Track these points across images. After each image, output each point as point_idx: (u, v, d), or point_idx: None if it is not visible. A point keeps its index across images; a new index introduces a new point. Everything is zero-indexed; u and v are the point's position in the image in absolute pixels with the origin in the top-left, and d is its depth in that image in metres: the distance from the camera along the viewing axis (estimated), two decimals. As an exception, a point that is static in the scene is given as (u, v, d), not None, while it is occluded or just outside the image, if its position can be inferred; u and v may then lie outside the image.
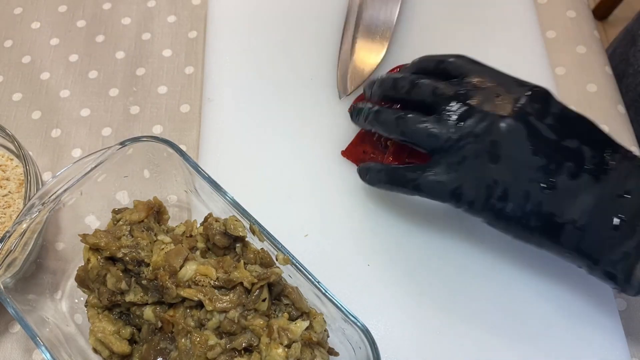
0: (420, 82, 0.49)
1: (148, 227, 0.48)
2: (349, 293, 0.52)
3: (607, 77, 0.64)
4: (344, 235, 0.55)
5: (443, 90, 0.48)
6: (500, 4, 0.66)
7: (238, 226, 0.46)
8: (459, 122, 0.46)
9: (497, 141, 0.44)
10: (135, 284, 0.46)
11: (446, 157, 0.46)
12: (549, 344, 0.50)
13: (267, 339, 0.43)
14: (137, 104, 0.65)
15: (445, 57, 0.51)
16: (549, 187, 0.44)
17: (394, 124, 0.49)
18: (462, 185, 0.46)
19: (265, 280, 0.44)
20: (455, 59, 0.51)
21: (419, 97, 0.49)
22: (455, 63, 0.50)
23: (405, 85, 0.50)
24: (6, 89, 0.66)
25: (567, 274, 0.52)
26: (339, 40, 0.64)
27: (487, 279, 0.53)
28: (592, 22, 0.68)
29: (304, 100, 0.62)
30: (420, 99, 0.49)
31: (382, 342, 0.44)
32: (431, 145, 0.47)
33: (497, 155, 0.44)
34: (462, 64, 0.50)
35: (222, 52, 0.64)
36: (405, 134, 0.49)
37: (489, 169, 0.45)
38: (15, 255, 0.47)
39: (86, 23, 0.70)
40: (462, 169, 0.45)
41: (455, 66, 0.50)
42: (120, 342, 0.46)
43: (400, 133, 0.49)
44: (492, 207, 0.45)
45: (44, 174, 0.61)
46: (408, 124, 0.48)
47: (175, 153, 0.49)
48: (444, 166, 0.46)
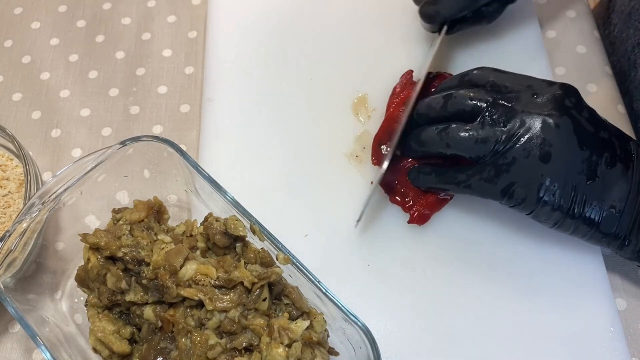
0: (454, 94, 0.50)
1: (148, 227, 0.48)
2: (349, 293, 0.52)
3: (607, 77, 0.64)
4: (344, 235, 0.55)
5: (481, 97, 0.48)
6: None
7: (238, 226, 0.46)
8: (505, 124, 0.46)
9: (547, 138, 0.45)
10: (136, 283, 0.46)
11: (494, 159, 0.47)
12: (549, 347, 0.50)
13: (268, 338, 0.43)
14: (137, 104, 0.65)
15: (467, 72, 0.52)
16: (592, 177, 0.46)
17: (437, 138, 0.50)
18: (514, 184, 0.46)
19: (265, 280, 0.44)
20: (478, 70, 0.52)
21: (456, 108, 0.49)
22: (479, 74, 0.51)
23: (439, 102, 0.51)
24: (6, 89, 0.66)
25: (567, 276, 0.52)
26: (339, 39, 0.64)
27: (488, 279, 0.53)
28: (592, 22, 0.68)
29: (304, 100, 0.62)
30: (458, 109, 0.49)
31: (382, 342, 0.44)
32: (479, 152, 0.47)
33: (547, 153, 0.45)
34: (486, 73, 0.51)
35: (222, 52, 0.64)
36: (451, 145, 0.49)
37: (540, 167, 0.46)
38: (15, 255, 0.47)
39: (86, 23, 0.70)
40: (513, 169, 0.46)
41: (480, 76, 0.51)
42: (120, 342, 0.46)
43: (445, 146, 0.49)
44: (544, 203, 0.46)
45: (44, 174, 0.61)
46: (452, 135, 0.48)
47: (176, 153, 0.49)
48: (493, 168, 0.47)
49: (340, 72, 0.63)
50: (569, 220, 0.46)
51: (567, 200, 0.46)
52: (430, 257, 0.54)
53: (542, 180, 0.46)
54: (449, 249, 0.54)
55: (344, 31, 0.66)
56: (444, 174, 0.51)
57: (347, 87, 0.62)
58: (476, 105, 0.48)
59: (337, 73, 0.63)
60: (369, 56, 0.64)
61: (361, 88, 0.62)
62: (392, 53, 0.63)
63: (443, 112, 0.51)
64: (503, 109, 0.47)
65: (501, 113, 0.47)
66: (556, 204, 0.46)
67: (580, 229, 0.47)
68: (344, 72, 0.63)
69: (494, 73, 0.51)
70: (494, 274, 0.53)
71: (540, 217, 0.47)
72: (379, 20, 0.66)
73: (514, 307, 0.52)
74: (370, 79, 0.62)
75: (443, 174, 0.52)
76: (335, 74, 0.63)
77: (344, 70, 0.63)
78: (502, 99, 0.48)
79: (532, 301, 0.52)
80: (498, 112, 0.47)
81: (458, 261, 0.53)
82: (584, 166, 0.46)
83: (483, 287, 0.52)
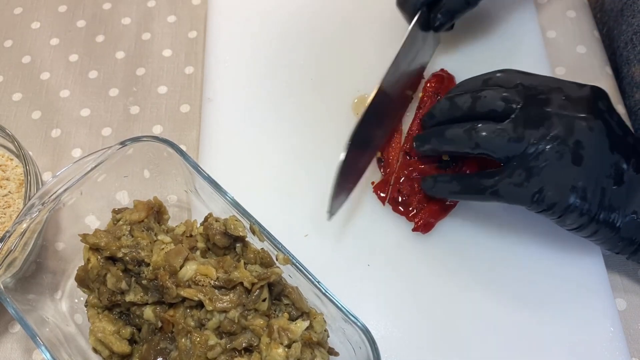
0: (484, 93, 0.48)
1: (148, 227, 0.48)
2: (349, 293, 0.52)
3: (607, 77, 0.64)
4: (344, 235, 0.55)
5: (513, 97, 0.47)
6: (500, 4, 0.66)
7: (238, 226, 0.46)
8: (537, 126, 0.45)
9: (581, 141, 0.45)
10: (136, 283, 0.46)
11: (525, 161, 0.46)
12: (549, 346, 0.50)
13: (267, 339, 0.43)
14: (137, 104, 0.65)
15: (491, 74, 0.51)
16: (619, 182, 0.45)
17: (466, 137, 0.48)
18: (544, 188, 0.45)
19: (265, 280, 0.44)
20: (502, 73, 0.50)
21: (487, 108, 0.48)
22: (504, 76, 0.50)
23: (467, 101, 0.49)
24: (6, 89, 0.66)
25: (568, 276, 0.52)
26: (340, 38, 0.64)
27: (487, 280, 0.53)
28: (592, 22, 0.68)
29: (304, 100, 0.62)
30: (489, 109, 0.48)
31: (382, 342, 0.44)
32: (511, 151, 0.46)
33: (580, 156, 0.45)
34: (513, 75, 0.49)
35: (222, 52, 0.64)
36: (481, 144, 0.47)
37: (571, 170, 0.45)
38: (15, 255, 0.47)
39: (86, 23, 0.70)
40: (545, 172, 0.45)
41: (506, 79, 0.49)
42: (120, 342, 0.46)
43: (475, 145, 0.47)
44: (573, 208, 0.45)
45: (44, 174, 0.61)
46: (483, 133, 0.47)
47: (175, 153, 0.49)
48: (524, 171, 0.45)
49: (340, 72, 0.63)
50: (593, 225, 0.46)
51: (595, 205, 0.45)
52: (430, 258, 0.54)
53: (574, 183, 0.45)
54: (449, 250, 0.54)
55: (344, 31, 0.66)
56: (466, 181, 0.50)
57: (347, 87, 0.62)
58: (508, 105, 0.47)
59: (338, 73, 0.63)
60: (369, 56, 0.64)
61: (361, 88, 0.62)
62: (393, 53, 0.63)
63: (471, 112, 0.49)
64: (536, 110, 0.46)
65: (534, 114, 0.46)
66: (585, 209, 0.45)
67: (600, 233, 0.46)
68: (345, 72, 0.63)
69: (520, 75, 0.49)
70: (493, 274, 0.53)
71: (566, 221, 0.46)
72: (379, 20, 0.66)
73: (513, 306, 0.51)
74: (371, 79, 0.62)
75: (466, 181, 0.50)
76: (336, 74, 0.63)
77: (345, 70, 0.63)
78: (534, 100, 0.47)
79: (532, 301, 0.52)
80: (531, 112, 0.46)
81: (458, 262, 0.53)
82: (612, 170, 0.45)
83: (483, 287, 0.52)
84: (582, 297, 0.51)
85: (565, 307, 0.51)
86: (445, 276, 0.53)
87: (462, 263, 0.53)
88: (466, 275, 0.53)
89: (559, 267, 0.53)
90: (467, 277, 0.53)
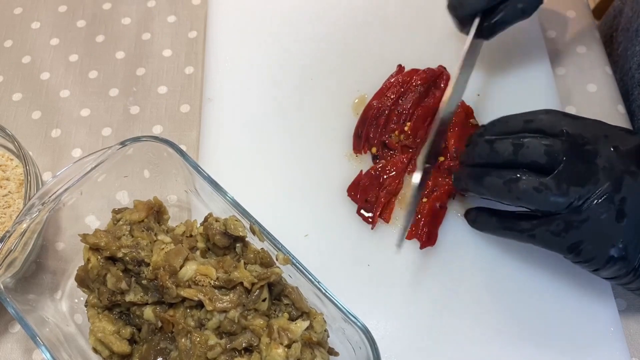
0: (527, 142, 0.45)
1: (148, 227, 0.48)
2: (349, 293, 0.52)
3: (607, 77, 0.64)
4: (344, 235, 0.55)
5: (557, 148, 0.44)
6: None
7: (238, 226, 0.46)
8: (584, 182, 0.43)
9: (627, 197, 0.43)
10: (135, 283, 0.46)
11: (566, 215, 0.44)
12: (550, 345, 0.50)
13: (267, 339, 0.43)
14: (137, 104, 0.65)
15: (533, 115, 0.47)
16: None
17: (505, 188, 0.45)
18: (583, 241, 0.44)
19: (265, 280, 0.44)
20: (546, 115, 0.47)
21: (529, 159, 0.45)
22: (548, 120, 0.46)
23: (507, 147, 0.46)
24: (6, 89, 0.66)
25: (567, 276, 0.52)
26: (340, 38, 0.64)
27: (488, 279, 0.53)
28: (592, 22, 0.68)
29: (305, 100, 0.62)
30: (531, 160, 0.45)
31: (382, 342, 0.44)
32: (553, 208, 0.44)
33: (624, 212, 0.43)
34: (557, 119, 0.46)
35: (222, 52, 0.64)
36: (521, 199, 0.45)
37: (614, 226, 0.43)
38: (15, 255, 0.47)
39: (86, 23, 0.70)
40: (585, 226, 0.43)
41: (550, 123, 0.46)
42: (120, 342, 0.46)
43: (514, 198, 0.45)
44: (613, 263, 0.44)
45: (44, 174, 0.61)
46: (524, 189, 0.44)
47: (176, 153, 0.49)
48: (563, 222, 0.44)
49: (340, 72, 0.63)
50: (630, 276, 0.45)
51: (635, 259, 0.43)
52: (430, 258, 0.54)
53: (615, 240, 0.43)
54: (449, 250, 0.54)
55: (344, 31, 0.66)
56: (506, 220, 0.48)
57: (347, 87, 0.62)
58: (552, 158, 0.44)
59: (338, 73, 0.63)
60: (369, 56, 0.64)
61: (362, 88, 0.62)
62: (393, 53, 0.63)
63: (511, 159, 0.46)
64: (582, 164, 0.44)
65: (580, 168, 0.43)
66: (624, 264, 0.44)
67: (636, 282, 0.45)
68: (345, 72, 0.63)
69: (565, 119, 0.46)
70: (492, 275, 0.53)
71: (603, 273, 0.45)
72: (379, 20, 0.66)
73: (512, 306, 0.51)
74: (371, 79, 0.62)
75: (505, 220, 0.48)
76: (336, 74, 0.63)
77: (345, 70, 0.63)
78: (581, 153, 0.44)
79: (532, 301, 0.52)
80: (577, 167, 0.43)
81: (457, 262, 0.53)
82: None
83: (482, 287, 0.52)
84: (582, 296, 0.51)
85: (565, 307, 0.51)
86: (445, 276, 0.53)
87: (463, 264, 0.53)
88: (467, 275, 0.53)
89: (559, 266, 0.53)
90: (468, 278, 0.53)
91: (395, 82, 0.60)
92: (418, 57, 0.62)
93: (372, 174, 0.56)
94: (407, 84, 0.59)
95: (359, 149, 0.58)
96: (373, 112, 0.58)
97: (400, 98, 0.59)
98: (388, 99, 0.59)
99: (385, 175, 0.56)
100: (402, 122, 0.58)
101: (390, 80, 0.60)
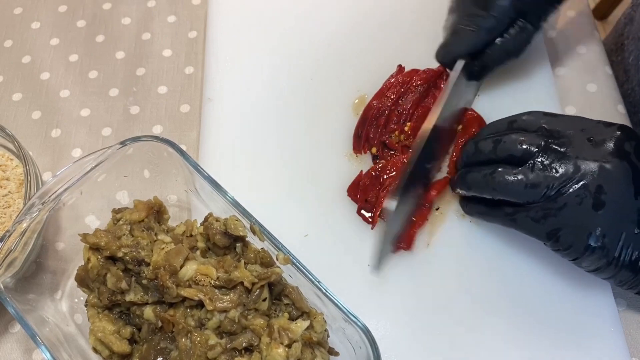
0: (504, 138, 0.48)
1: (148, 227, 0.48)
2: (349, 293, 0.52)
3: (607, 77, 0.64)
4: (344, 235, 0.55)
5: (532, 141, 0.47)
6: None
7: (238, 226, 0.46)
8: (557, 170, 0.45)
9: (603, 186, 0.43)
10: (136, 283, 0.46)
11: (544, 203, 0.45)
12: (550, 344, 0.50)
13: (268, 338, 0.43)
14: (137, 104, 0.65)
15: (517, 117, 0.50)
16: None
17: (483, 181, 0.48)
18: (561, 229, 0.45)
19: (265, 280, 0.44)
20: (528, 115, 0.50)
21: (506, 153, 0.48)
22: (528, 119, 0.49)
23: (488, 145, 0.49)
24: (6, 89, 0.66)
25: (567, 276, 0.52)
26: (340, 38, 0.64)
27: (488, 279, 0.53)
28: (592, 22, 0.68)
29: (304, 100, 0.62)
30: (508, 154, 0.48)
31: (382, 342, 0.44)
32: (529, 197, 0.46)
33: (601, 201, 0.43)
34: (537, 118, 0.49)
35: (222, 52, 0.64)
36: (498, 190, 0.47)
37: (592, 215, 0.44)
38: (15, 255, 0.47)
39: (86, 23, 0.70)
40: (562, 214, 0.45)
41: (531, 122, 0.49)
42: (120, 342, 0.46)
43: (492, 190, 0.48)
44: (591, 251, 0.44)
45: (44, 174, 0.61)
46: (499, 179, 0.47)
47: (176, 153, 0.49)
48: (541, 209, 0.45)
49: (340, 72, 0.63)
50: (611, 268, 0.45)
51: (614, 249, 0.44)
52: (430, 258, 0.54)
53: (593, 228, 0.44)
54: (450, 251, 0.54)
55: (344, 31, 0.66)
56: (492, 205, 0.50)
57: (347, 87, 0.62)
58: (527, 150, 0.46)
59: (338, 73, 0.63)
60: (369, 56, 0.64)
61: (362, 88, 0.62)
62: (393, 53, 0.63)
63: (491, 156, 0.49)
64: (555, 154, 0.45)
65: (553, 158, 0.45)
66: (603, 253, 0.44)
67: (620, 275, 0.45)
68: (345, 72, 0.63)
69: (545, 117, 0.48)
70: (492, 276, 0.53)
71: (583, 264, 0.46)
72: (379, 20, 0.66)
73: (512, 306, 0.51)
74: (371, 79, 0.62)
75: (491, 204, 0.50)
76: (336, 74, 0.63)
77: (345, 70, 0.63)
78: (555, 144, 0.46)
79: (532, 301, 0.52)
80: (550, 157, 0.45)
81: (457, 262, 0.53)
82: (636, 216, 0.44)
83: (482, 288, 0.52)
84: (582, 297, 0.51)
85: (565, 307, 0.51)
86: (445, 276, 0.53)
87: (463, 264, 0.53)
88: (467, 275, 0.53)
89: (559, 266, 0.53)
90: (468, 278, 0.53)
91: (395, 82, 0.60)
92: (418, 57, 0.62)
93: (372, 174, 0.56)
94: (407, 84, 0.59)
95: (359, 149, 0.58)
96: (373, 112, 0.58)
97: (400, 98, 0.59)
98: (388, 99, 0.59)
99: (385, 175, 0.56)
100: (402, 122, 0.58)
101: (390, 80, 0.60)
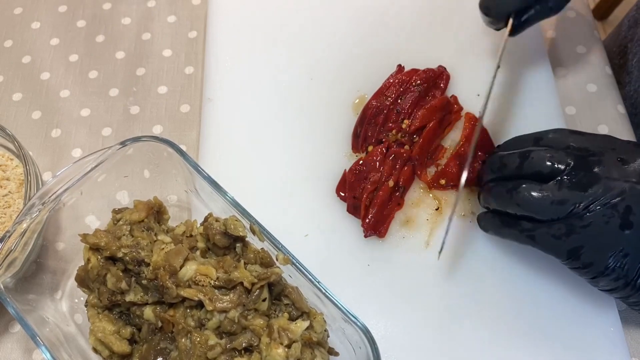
0: (532, 154, 0.47)
1: (148, 227, 0.48)
2: (349, 293, 0.52)
3: (607, 77, 0.64)
4: (344, 235, 0.55)
5: (561, 158, 0.46)
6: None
7: (238, 226, 0.46)
8: (585, 189, 0.44)
9: (632, 206, 0.43)
10: (136, 283, 0.46)
11: (568, 220, 0.44)
12: (550, 344, 0.50)
13: (267, 338, 0.43)
14: (137, 104, 0.65)
15: (543, 133, 0.50)
16: None
17: (507, 196, 0.47)
18: (583, 247, 0.44)
19: (265, 280, 0.44)
20: (554, 133, 0.49)
21: (534, 169, 0.47)
22: (555, 137, 0.48)
23: (514, 160, 0.48)
24: (6, 89, 0.66)
25: (567, 276, 0.52)
26: (340, 38, 0.64)
27: (488, 279, 0.53)
28: (592, 22, 0.68)
29: (304, 100, 0.62)
30: (535, 170, 0.47)
31: (382, 342, 0.44)
32: (554, 214, 0.45)
33: (629, 222, 0.43)
34: (564, 135, 0.48)
35: (222, 52, 0.64)
36: (521, 206, 0.46)
37: (617, 235, 0.43)
38: (15, 255, 0.47)
39: (86, 23, 0.70)
40: (586, 232, 0.44)
41: (557, 140, 0.48)
42: (120, 342, 0.46)
43: (515, 205, 0.47)
44: (610, 271, 0.44)
45: (44, 174, 0.61)
46: (523, 194, 0.46)
47: (176, 153, 0.49)
48: (565, 226, 0.44)
49: (340, 72, 0.63)
50: (628, 289, 0.45)
51: (634, 271, 0.44)
52: (430, 258, 0.54)
53: (616, 248, 0.43)
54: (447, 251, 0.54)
55: (344, 31, 0.66)
56: (508, 220, 0.49)
57: (347, 87, 0.62)
58: (555, 167, 0.45)
59: (338, 73, 0.63)
60: (369, 56, 0.64)
61: (362, 88, 0.62)
62: (393, 53, 0.63)
63: (518, 172, 0.48)
64: (585, 172, 0.44)
65: (582, 176, 0.44)
66: (622, 274, 0.44)
67: (635, 296, 0.45)
68: (345, 72, 0.63)
69: (572, 135, 0.48)
70: (491, 276, 0.53)
71: (600, 283, 0.45)
72: (379, 20, 0.66)
73: (512, 306, 0.52)
74: (371, 79, 0.62)
75: (507, 219, 0.49)
76: (336, 74, 0.63)
77: (345, 70, 0.63)
78: (584, 162, 0.45)
79: (531, 301, 0.52)
80: (579, 175, 0.44)
81: (456, 263, 0.53)
82: None
83: (481, 288, 0.52)
84: (582, 297, 0.52)
85: (565, 307, 0.51)
86: (445, 277, 0.53)
87: (464, 264, 0.53)
88: (467, 275, 0.53)
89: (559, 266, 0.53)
90: (469, 278, 0.53)
91: (394, 82, 0.60)
92: (418, 57, 0.62)
93: (354, 170, 0.56)
94: (407, 84, 0.59)
95: (357, 148, 0.58)
96: (372, 111, 0.58)
97: (399, 97, 0.59)
98: (387, 98, 0.59)
99: (366, 167, 0.56)
100: (400, 121, 0.58)
101: (389, 79, 0.60)
